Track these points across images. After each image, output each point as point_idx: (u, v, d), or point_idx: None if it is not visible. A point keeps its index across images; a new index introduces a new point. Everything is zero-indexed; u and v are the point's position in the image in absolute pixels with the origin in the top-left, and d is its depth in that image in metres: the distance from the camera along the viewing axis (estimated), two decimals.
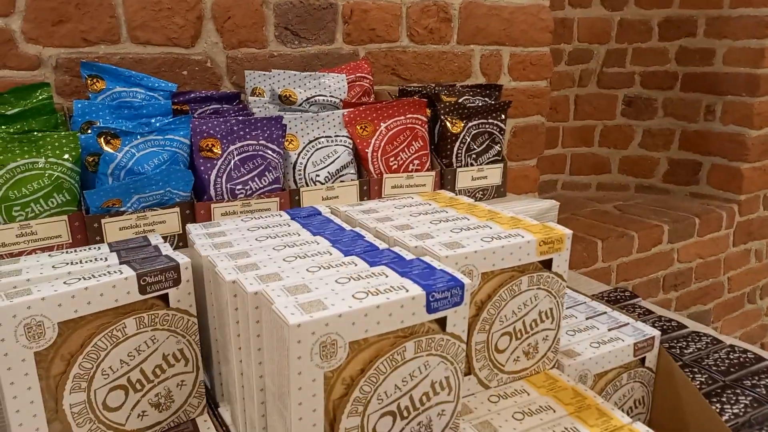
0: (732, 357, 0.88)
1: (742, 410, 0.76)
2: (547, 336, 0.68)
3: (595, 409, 0.62)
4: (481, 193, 1.00)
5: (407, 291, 0.51)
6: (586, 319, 0.80)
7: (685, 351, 0.88)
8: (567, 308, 0.82)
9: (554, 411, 0.61)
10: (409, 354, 0.51)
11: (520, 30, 1.40)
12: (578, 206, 1.88)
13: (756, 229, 1.93)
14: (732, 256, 1.89)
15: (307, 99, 0.92)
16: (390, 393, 0.51)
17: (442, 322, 0.53)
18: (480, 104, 1.01)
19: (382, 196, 0.90)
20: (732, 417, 0.75)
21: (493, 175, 1.00)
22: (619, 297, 1.07)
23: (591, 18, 1.97)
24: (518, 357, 0.67)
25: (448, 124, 0.97)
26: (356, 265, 0.57)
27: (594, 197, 2.00)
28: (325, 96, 0.94)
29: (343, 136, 0.90)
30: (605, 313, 0.82)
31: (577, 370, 0.70)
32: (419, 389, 0.53)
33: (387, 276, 0.54)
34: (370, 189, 0.90)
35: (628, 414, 0.75)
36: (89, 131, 0.75)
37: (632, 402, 0.76)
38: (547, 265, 0.66)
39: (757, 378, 0.84)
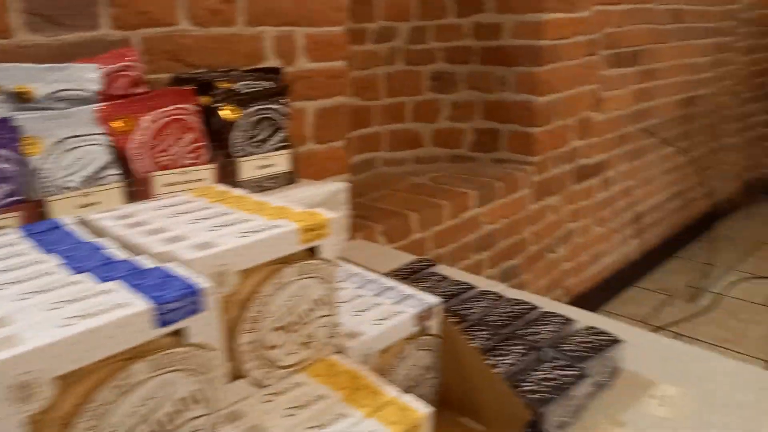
0: (513, 311, 0.96)
1: (517, 359, 0.84)
2: (323, 323, 0.67)
3: (368, 388, 0.62)
4: (270, 182, 0.97)
5: (131, 307, 0.46)
6: (373, 296, 0.81)
7: (471, 311, 0.95)
8: (356, 288, 0.83)
9: (328, 398, 0.61)
10: (141, 376, 0.46)
11: (314, 9, 1.37)
12: (396, 181, 1.95)
13: (549, 187, 2.16)
14: (531, 213, 2.10)
15: (50, 94, 0.81)
16: (123, 423, 0.46)
17: (182, 334, 0.49)
18: (259, 89, 0.97)
19: (154, 196, 0.83)
20: (508, 367, 0.82)
21: (280, 162, 0.97)
22: (419, 267, 1.11)
23: None
24: (294, 350, 0.65)
25: (225, 111, 0.92)
26: (83, 284, 0.51)
27: (411, 171, 2.08)
28: (74, 90, 0.83)
29: (98, 133, 0.80)
30: (393, 288, 0.84)
31: (360, 351, 0.70)
32: (164, 409, 0.49)
33: (114, 292, 0.48)
34: (138, 190, 0.82)
35: (417, 382, 0.78)
36: None
37: (421, 370, 0.79)
38: (316, 252, 0.65)
39: (533, 327, 0.92)
